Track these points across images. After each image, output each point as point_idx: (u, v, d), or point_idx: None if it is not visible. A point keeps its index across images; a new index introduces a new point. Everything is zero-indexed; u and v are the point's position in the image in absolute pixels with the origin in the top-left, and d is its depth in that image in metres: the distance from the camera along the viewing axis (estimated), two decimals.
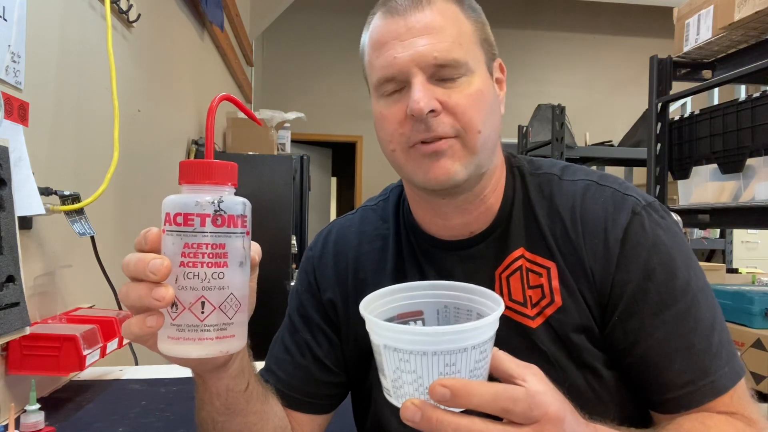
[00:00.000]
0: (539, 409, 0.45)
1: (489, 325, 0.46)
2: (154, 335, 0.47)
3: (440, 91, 0.62)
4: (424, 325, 0.57)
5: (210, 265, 0.45)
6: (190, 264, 0.45)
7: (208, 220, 0.45)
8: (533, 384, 0.48)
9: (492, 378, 0.50)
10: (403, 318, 0.57)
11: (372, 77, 0.66)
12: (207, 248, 0.45)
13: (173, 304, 0.45)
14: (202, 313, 0.45)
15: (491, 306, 0.52)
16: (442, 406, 0.44)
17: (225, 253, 0.46)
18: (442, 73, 0.62)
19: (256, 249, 0.52)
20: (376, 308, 0.55)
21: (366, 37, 0.68)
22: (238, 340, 0.48)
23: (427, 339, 0.44)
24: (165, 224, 0.46)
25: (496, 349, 0.50)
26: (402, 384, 0.46)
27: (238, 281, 0.47)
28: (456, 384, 0.44)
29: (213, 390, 0.60)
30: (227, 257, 0.46)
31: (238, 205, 0.47)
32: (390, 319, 0.56)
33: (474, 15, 0.66)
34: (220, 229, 0.45)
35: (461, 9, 0.65)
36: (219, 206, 0.45)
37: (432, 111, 0.61)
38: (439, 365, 0.45)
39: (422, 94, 0.60)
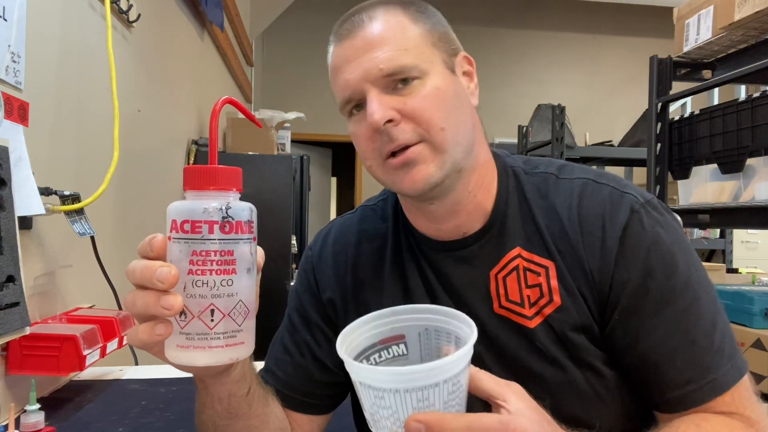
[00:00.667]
0: None
1: (460, 359, 0.47)
2: (161, 343, 0.47)
3: (395, 99, 0.62)
4: (406, 347, 0.59)
5: (219, 272, 0.45)
6: (199, 272, 0.44)
7: (216, 227, 0.44)
8: (513, 404, 0.49)
9: (473, 398, 0.50)
10: (386, 343, 0.58)
11: (337, 101, 0.68)
12: (216, 255, 0.44)
13: (182, 313, 0.45)
14: (212, 320, 0.45)
15: (466, 330, 0.53)
16: None
17: (233, 260, 0.45)
18: (393, 83, 0.63)
19: (260, 253, 0.51)
20: (357, 336, 0.56)
21: (328, 64, 0.69)
22: (246, 347, 0.47)
23: (398, 378, 0.46)
24: (171, 231, 0.45)
25: (476, 369, 0.51)
26: (380, 418, 0.48)
27: (246, 287, 0.47)
28: (429, 419, 0.45)
29: (215, 395, 0.60)
30: (236, 264, 0.45)
31: (245, 210, 0.46)
32: (372, 345, 0.57)
33: (423, 18, 0.66)
34: (228, 236, 0.45)
35: (406, 16, 0.65)
36: (227, 213, 0.45)
37: (390, 121, 0.61)
38: (413, 401, 0.46)
39: (376, 107, 0.61)
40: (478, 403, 0.51)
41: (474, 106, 0.70)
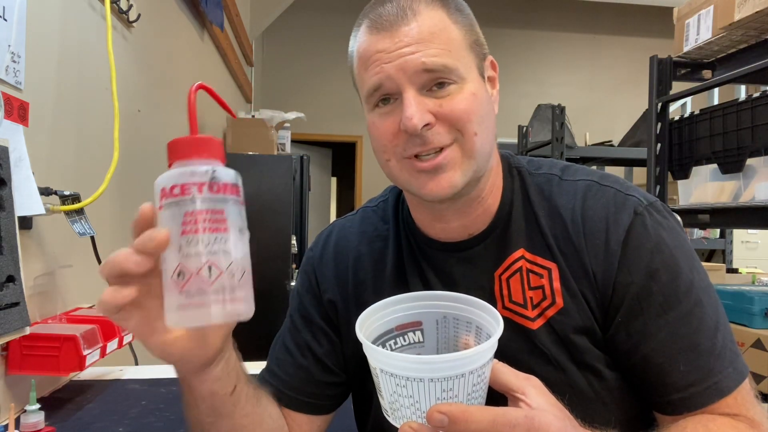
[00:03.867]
0: (539, 431, 0.45)
1: (487, 350, 0.46)
2: (129, 311, 0.47)
3: (432, 102, 0.62)
4: (423, 335, 0.57)
5: (212, 230, 0.45)
6: (192, 230, 0.45)
7: (205, 187, 0.46)
8: (533, 398, 0.48)
9: (491, 391, 0.49)
10: (402, 329, 0.57)
11: (362, 90, 0.66)
12: (207, 214, 0.45)
13: (180, 274, 0.45)
14: (210, 276, 0.45)
15: (491, 322, 0.52)
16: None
17: (224, 218, 0.46)
18: (432, 82, 0.61)
19: None
20: (374, 321, 0.55)
21: (353, 49, 0.67)
22: (246, 305, 0.47)
23: (423, 367, 0.44)
24: (161, 200, 0.46)
25: (495, 360, 0.50)
26: (399, 407, 0.47)
27: (239, 247, 0.47)
28: (453, 410, 0.44)
29: (197, 393, 0.60)
30: (227, 222, 0.46)
31: (230, 174, 0.48)
32: (389, 331, 0.56)
33: (461, 18, 0.65)
34: (217, 195, 0.46)
35: (448, 15, 0.64)
36: (214, 174, 0.46)
37: (426, 125, 0.61)
38: (436, 391, 0.45)
39: (414, 109, 0.60)
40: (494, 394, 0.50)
41: (495, 113, 0.69)
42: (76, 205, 1.17)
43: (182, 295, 0.45)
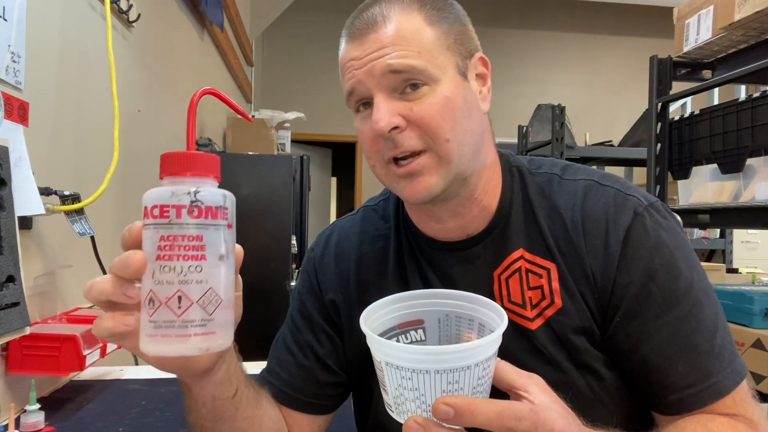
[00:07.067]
0: (544, 426, 0.45)
1: (492, 342, 0.46)
2: (128, 335, 0.45)
3: (402, 105, 0.62)
4: (425, 333, 0.57)
5: (187, 258, 0.43)
6: (166, 257, 0.43)
7: (184, 211, 0.43)
8: (536, 395, 0.48)
9: (494, 389, 0.49)
10: (404, 327, 0.57)
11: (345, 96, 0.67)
12: (183, 240, 0.43)
13: (150, 300, 0.43)
14: (179, 307, 0.43)
15: (494, 318, 0.52)
16: (446, 424, 0.44)
17: (203, 245, 0.44)
18: (403, 84, 0.61)
19: (237, 248, 0.48)
20: (377, 319, 0.55)
21: (339, 58, 0.68)
22: (221, 339, 0.45)
23: (430, 358, 0.44)
24: (144, 218, 0.45)
25: (497, 359, 0.49)
26: (404, 401, 0.46)
27: (218, 276, 0.45)
28: (459, 402, 0.43)
29: (198, 398, 0.59)
30: (205, 250, 0.44)
31: (217, 196, 0.45)
32: (391, 329, 0.56)
33: (440, 18, 0.64)
34: (196, 221, 0.43)
35: (423, 16, 0.63)
36: (195, 197, 0.44)
37: (395, 128, 0.61)
38: (442, 383, 0.44)
39: (383, 113, 0.61)
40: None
41: (484, 111, 0.69)
42: (76, 205, 1.17)
43: (150, 323, 0.43)
